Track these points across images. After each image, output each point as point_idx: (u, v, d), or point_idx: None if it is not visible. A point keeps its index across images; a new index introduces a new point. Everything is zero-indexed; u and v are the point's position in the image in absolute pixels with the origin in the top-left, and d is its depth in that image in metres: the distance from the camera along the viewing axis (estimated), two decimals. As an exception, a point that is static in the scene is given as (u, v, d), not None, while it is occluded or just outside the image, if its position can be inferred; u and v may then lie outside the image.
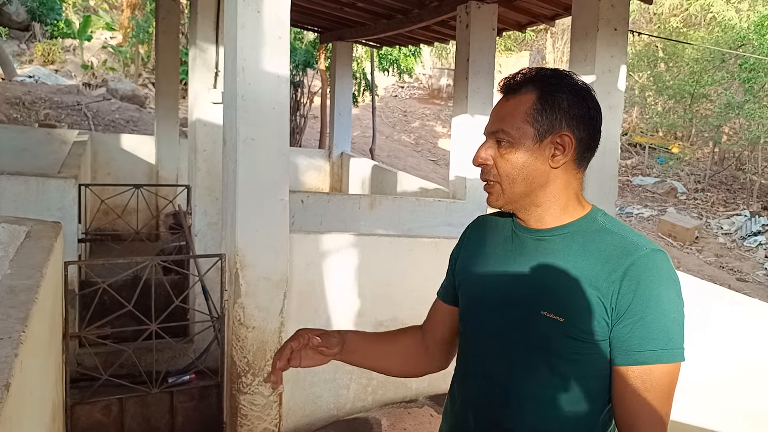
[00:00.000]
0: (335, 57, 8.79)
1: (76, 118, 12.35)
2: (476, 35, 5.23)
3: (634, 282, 1.14)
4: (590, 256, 1.20)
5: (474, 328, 1.34)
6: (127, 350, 3.25)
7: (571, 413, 1.22)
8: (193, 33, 4.62)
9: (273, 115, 2.95)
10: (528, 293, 1.23)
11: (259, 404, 3.10)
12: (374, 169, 7.93)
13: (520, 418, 1.24)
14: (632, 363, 1.15)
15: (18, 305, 1.69)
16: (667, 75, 18.41)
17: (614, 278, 1.15)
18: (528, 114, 1.22)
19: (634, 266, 1.15)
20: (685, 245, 13.76)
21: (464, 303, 1.39)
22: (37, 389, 1.86)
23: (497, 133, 1.24)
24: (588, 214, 1.27)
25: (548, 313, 1.19)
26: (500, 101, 1.28)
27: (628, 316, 1.14)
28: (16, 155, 7.25)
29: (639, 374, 1.15)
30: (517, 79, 1.26)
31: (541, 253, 1.25)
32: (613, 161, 3.82)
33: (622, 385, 1.17)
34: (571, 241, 1.23)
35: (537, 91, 1.23)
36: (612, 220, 1.27)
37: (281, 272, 3.07)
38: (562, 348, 1.19)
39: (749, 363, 2.71)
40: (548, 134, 1.22)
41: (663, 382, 1.16)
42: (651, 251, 1.17)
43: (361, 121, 18.30)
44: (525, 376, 1.24)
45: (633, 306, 1.14)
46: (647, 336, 1.14)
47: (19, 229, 2.59)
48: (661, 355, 1.14)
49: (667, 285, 1.15)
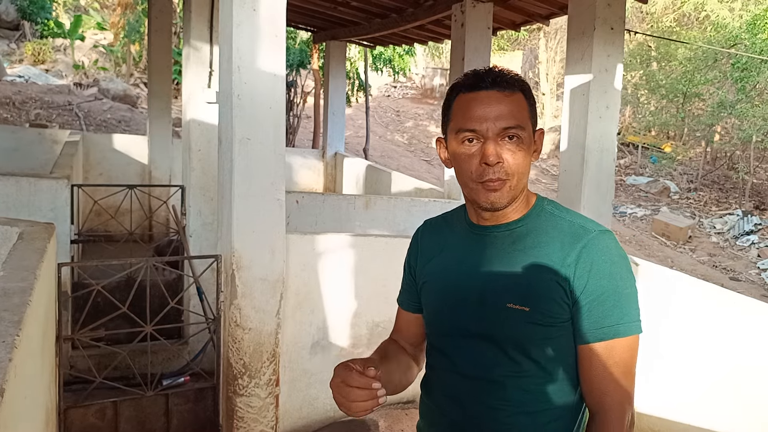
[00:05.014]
0: (329, 56, 8.77)
1: (67, 118, 12.27)
2: (471, 34, 5.22)
3: (588, 263, 1.21)
4: (545, 243, 1.26)
5: (444, 326, 1.36)
6: (121, 352, 3.22)
7: (549, 396, 1.27)
8: (186, 32, 4.59)
9: (269, 115, 2.92)
10: (491, 288, 1.28)
11: (255, 406, 3.07)
12: (368, 169, 7.91)
13: (501, 408, 1.27)
14: (594, 340, 1.22)
15: (11, 308, 1.66)
16: (660, 74, 18.46)
17: (569, 262, 1.22)
18: (528, 112, 1.27)
19: (586, 249, 1.22)
20: (679, 245, 13.81)
21: (431, 304, 1.41)
22: (31, 393, 1.83)
23: (514, 128, 1.23)
24: (537, 204, 1.33)
25: (514, 305, 1.23)
26: (494, 95, 1.24)
27: (585, 297, 1.21)
28: (7, 155, 7.18)
29: (602, 350, 1.22)
30: (509, 77, 1.27)
31: (500, 247, 1.30)
32: (610, 161, 3.81)
33: (587, 362, 1.24)
34: (527, 232, 1.29)
35: (523, 93, 1.27)
36: (557, 205, 1.34)
37: (278, 273, 3.05)
38: (532, 336, 1.24)
39: (747, 361, 2.70)
40: (534, 132, 1.29)
41: (625, 356, 1.22)
42: (599, 233, 1.25)
43: (354, 121, 18.28)
44: (500, 368, 1.27)
45: (589, 286, 1.21)
46: (605, 313, 1.21)
47: (11, 231, 2.55)
48: (618, 330, 1.21)
49: (618, 263, 1.23)
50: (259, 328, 3.04)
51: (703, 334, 2.94)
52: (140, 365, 3.45)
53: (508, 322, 1.24)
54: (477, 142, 1.24)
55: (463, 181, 1.29)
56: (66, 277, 3.72)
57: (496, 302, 1.26)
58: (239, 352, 3.02)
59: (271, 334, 3.06)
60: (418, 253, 1.46)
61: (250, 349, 3.03)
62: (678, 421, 3.02)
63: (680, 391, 3.03)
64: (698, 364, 2.96)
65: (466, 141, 1.25)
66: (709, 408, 2.84)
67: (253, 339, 3.03)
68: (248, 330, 3.01)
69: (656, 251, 13.21)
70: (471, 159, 1.25)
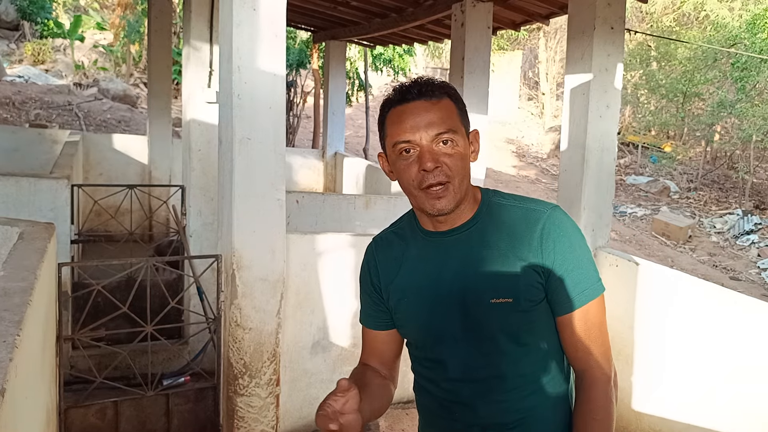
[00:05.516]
0: (328, 56, 8.76)
1: (67, 118, 12.27)
2: (471, 34, 5.21)
3: (550, 241, 1.29)
4: (506, 233, 1.33)
5: (432, 336, 1.37)
6: (121, 352, 3.22)
7: (546, 374, 1.35)
8: (186, 32, 4.58)
9: (269, 115, 2.92)
10: (470, 288, 1.31)
11: (255, 406, 3.07)
12: (368, 168, 7.90)
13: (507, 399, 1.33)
14: (571, 309, 1.30)
15: (12, 308, 1.66)
16: (660, 74, 18.46)
17: (534, 244, 1.30)
18: (458, 115, 1.32)
19: (545, 229, 1.30)
20: (679, 244, 13.81)
21: (412, 318, 1.40)
22: (32, 393, 1.83)
23: (446, 133, 1.28)
24: (484, 199, 1.39)
25: (498, 299, 1.29)
26: (422, 104, 1.29)
27: (555, 272, 1.29)
28: (7, 156, 7.17)
29: (579, 316, 1.31)
30: (434, 84, 1.32)
31: (464, 248, 1.34)
32: (611, 160, 3.80)
33: (569, 329, 1.32)
34: (485, 227, 1.35)
35: (450, 98, 1.32)
36: (503, 194, 1.40)
37: (278, 273, 3.05)
38: (519, 323, 1.31)
39: (748, 361, 2.70)
40: (468, 132, 1.34)
41: (599, 315, 1.32)
42: (552, 210, 1.33)
43: (353, 120, 18.28)
44: (497, 361, 1.32)
45: (557, 261, 1.29)
46: (574, 281, 1.29)
47: (11, 231, 2.55)
48: (590, 293, 1.30)
49: (574, 234, 1.33)
50: (260, 327, 3.04)
51: (704, 333, 2.94)
52: (141, 365, 3.45)
53: (495, 317, 1.30)
54: (414, 151, 1.29)
55: (407, 190, 1.33)
56: (66, 277, 3.72)
57: (479, 301, 1.30)
58: (240, 352, 3.02)
59: (271, 334, 3.06)
60: (378, 272, 1.45)
61: (251, 349, 3.03)
62: (679, 421, 3.01)
63: (681, 391, 3.03)
64: (699, 363, 2.95)
65: (403, 152, 1.30)
66: (709, 408, 2.84)
67: (254, 339, 3.03)
68: (249, 330, 3.01)
69: (656, 251, 13.21)
70: (410, 168, 1.29)
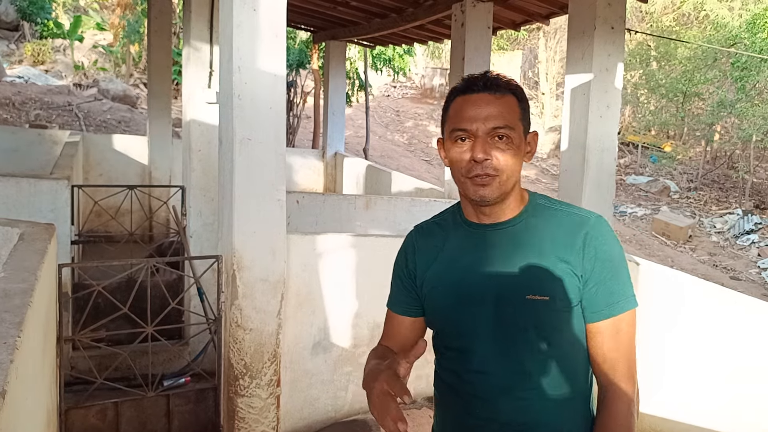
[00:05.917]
0: (328, 56, 8.76)
1: (67, 118, 12.26)
2: (472, 34, 5.21)
3: (593, 248, 1.32)
4: (549, 235, 1.35)
5: (462, 327, 1.39)
6: (122, 353, 3.21)
7: (570, 379, 1.35)
8: (186, 32, 4.58)
9: (270, 115, 2.92)
10: (507, 283, 1.34)
11: (256, 407, 3.07)
12: (368, 169, 7.90)
13: (530, 397, 1.34)
14: (603, 318, 1.33)
15: (12, 309, 1.65)
16: (660, 74, 18.45)
17: (576, 249, 1.32)
18: (519, 113, 1.34)
19: (589, 236, 1.33)
20: (679, 244, 13.80)
21: (444, 308, 1.42)
22: (32, 395, 1.83)
23: (502, 128, 1.30)
24: (531, 200, 1.42)
25: (534, 296, 1.31)
26: (485, 97, 1.32)
27: (593, 279, 1.32)
28: (7, 156, 7.17)
29: (610, 327, 1.33)
30: (500, 80, 1.34)
31: (505, 243, 1.37)
32: (611, 160, 3.80)
33: (598, 338, 1.34)
34: (529, 226, 1.37)
35: (515, 96, 1.34)
36: (550, 199, 1.43)
37: (278, 273, 3.04)
38: (553, 322, 1.33)
39: (749, 361, 2.70)
40: (527, 133, 1.37)
41: (629, 330, 1.34)
42: (597, 218, 1.36)
43: (353, 121, 18.28)
44: (524, 358, 1.34)
45: (596, 269, 1.32)
46: (610, 291, 1.32)
47: (11, 232, 2.55)
48: (623, 305, 1.32)
49: (615, 245, 1.35)
50: (260, 328, 3.03)
51: (705, 333, 2.94)
52: (141, 366, 3.44)
53: (530, 313, 1.32)
54: (468, 141, 1.32)
55: (456, 177, 1.37)
56: (66, 278, 3.72)
57: (515, 296, 1.32)
58: (240, 353, 3.01)
59: (272, 335, 3.06)
60: (416, 258, 1.48)
61: (251, 350, 3.03)
62: (680, 421, 3.01)
63: (682, 391, 3.02)
64: (700, 363, 2.95)
65: (459, 140, 1.33)
66: (710, 408, 2.84)
67: (254, 339, 3.02)
68: (249, 330, 3.01)
69: (656, 251, 13.21)
70: (462, 156, 1.33)
